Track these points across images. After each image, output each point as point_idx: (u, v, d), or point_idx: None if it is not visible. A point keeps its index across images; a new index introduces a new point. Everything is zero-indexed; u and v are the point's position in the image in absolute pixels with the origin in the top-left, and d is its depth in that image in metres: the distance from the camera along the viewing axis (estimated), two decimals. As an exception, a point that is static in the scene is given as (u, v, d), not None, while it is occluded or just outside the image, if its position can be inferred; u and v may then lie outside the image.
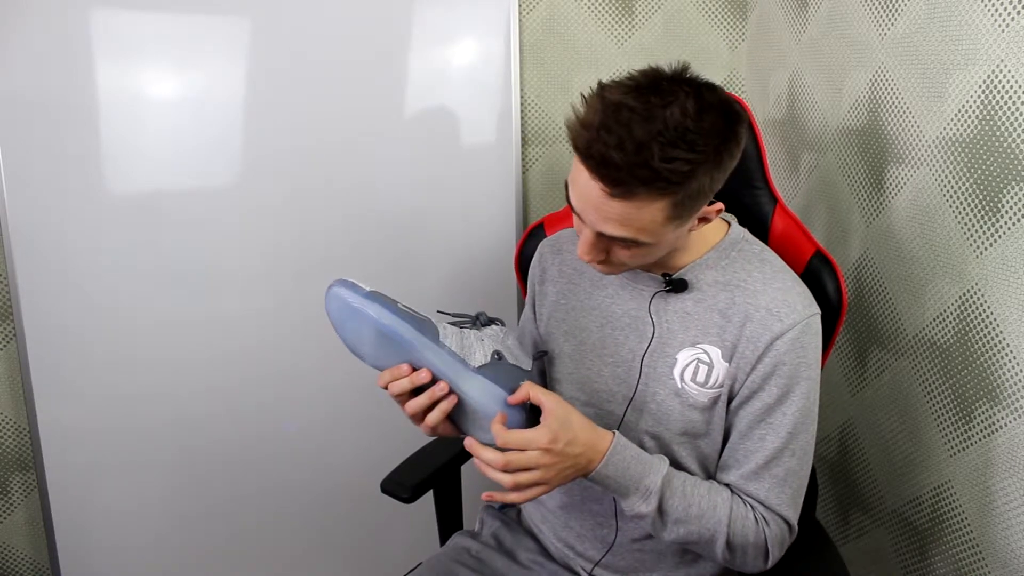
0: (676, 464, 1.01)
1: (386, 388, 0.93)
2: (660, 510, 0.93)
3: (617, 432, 0.94)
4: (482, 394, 0.92)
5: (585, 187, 0.86)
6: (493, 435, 0.90)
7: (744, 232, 1.05)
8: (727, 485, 0.98)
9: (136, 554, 1.68)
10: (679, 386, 0.99)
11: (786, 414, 0.95)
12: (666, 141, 0.81)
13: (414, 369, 0.92)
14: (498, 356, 0.94)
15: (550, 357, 1.10)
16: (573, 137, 0.85)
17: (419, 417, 0.94)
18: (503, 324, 1.01)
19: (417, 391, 0.93)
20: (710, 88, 0.86)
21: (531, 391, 0.92)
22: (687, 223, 0.92)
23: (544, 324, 1.13)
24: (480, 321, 0.99)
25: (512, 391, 0.93)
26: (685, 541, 0.96)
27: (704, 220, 0.95)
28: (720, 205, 0.94)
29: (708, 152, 0.83)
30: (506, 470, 0.88)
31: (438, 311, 1.01)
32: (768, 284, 0.98)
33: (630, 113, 0.82)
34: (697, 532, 0.94)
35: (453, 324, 0.97)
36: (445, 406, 0.92)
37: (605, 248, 0.92)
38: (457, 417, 0.95)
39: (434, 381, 0.92)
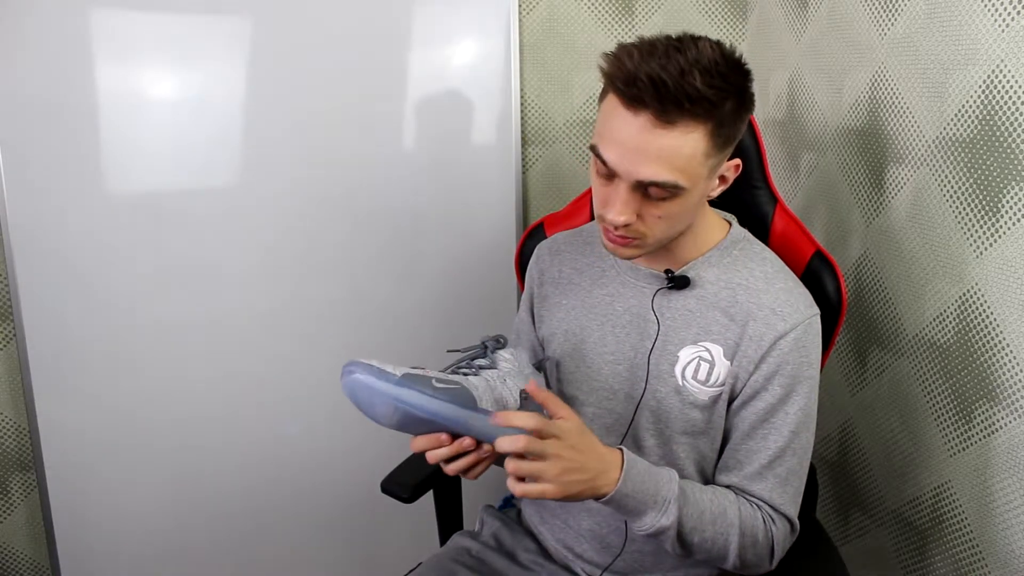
0: (675, 464, 1.01)
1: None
2: (678, 519, 0.91)
3: (623, 448, 0.92)
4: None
5: (624, 128, 0.86)
6: (507, 419, 0.87)
7: (745, 232, 1.05)
8: (729, 486, 0.98)
9: (136, 554, 1.68)
10: (680, 383, 0.99)
11: (788, 414, 0.96)
12: (702, 69, 0.84)
13: (451, 435, 0.89)
14: (524, 395, 0.93)
15: (552, 359, 1.10)
16: (612, 73, 0.87)
17: (456, 474, 0.93)
18: (506, 342, 1.00)
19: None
20: (725, 45, 0.90)
21: (547, 399, 0.90)
22: (717, 172, 0.92)
23: (544, 326, 1.13)
24: (489, 349, 0.97)
25: None
26: (700, 549, 0.94)
27: (723, 182, 0.96)
28: (738, 161, 0.95)
29: (737, 86, 0.88)
30: (523, 453, 0.85)
31: (448, 351, 0.99)
32: (770, 283, 0.98)
33: (666, 46, 0.86)
34: (711, 538, 0.93)
35: (467, 365, 0.95)
36: (490, 461, 0.92)
37: (637, 208, 0.91)
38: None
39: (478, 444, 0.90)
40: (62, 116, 1.48)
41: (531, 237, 1.30)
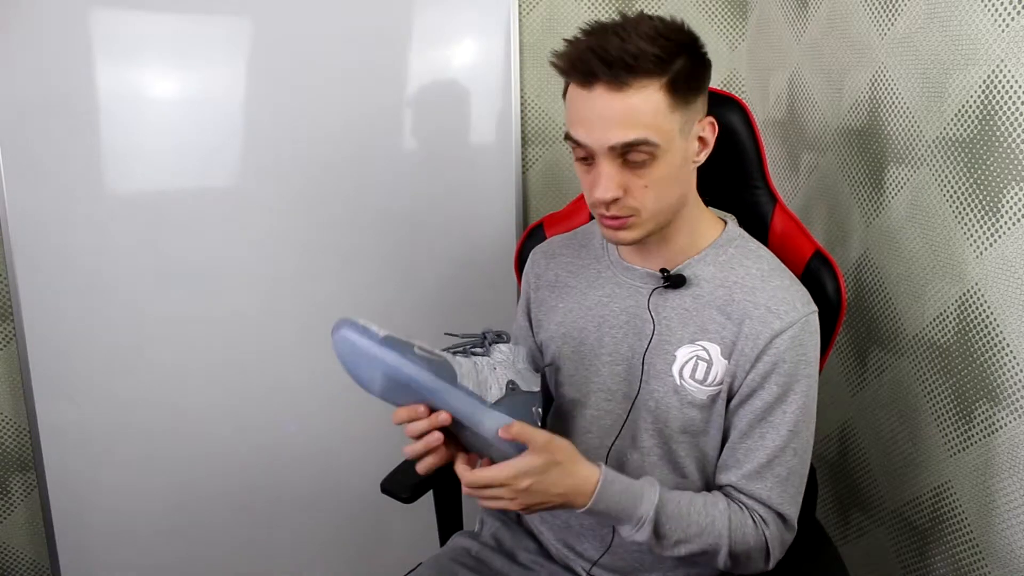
0: (675, 463, 1.01)
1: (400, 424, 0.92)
2: (657, 535, 0.93)
3: (603, 466, 0.93)
4: (499, 429, 0.91)
5: (585, 104, 0.90)
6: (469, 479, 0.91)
7: (741, 230, 1.05)
8: (728, 486, 0.99)
9: (136, 554, 1.68)
10: (678, 383, 0.99)
11: (786, 412, 0.96)
12: (644, 36, 0.88)
13: (430, 408, 0.91)
14: (512, 387, 0.93)
15: (553, 365, 1.11)
16: (561, 62, 0.91)
17: (416, 455, 0.94)
18: (508, 338, 1.00)
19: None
20: (663, 18, 0.94)
21: (518, 432, 0.89)
22: (690, 131, 0.93)
23: (542, 330, 1.13)
24: (488, 340, 0.97)
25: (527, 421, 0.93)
26: (688, 556, 0.96)
27: (704, 145, 0.97)
28: (712, 118, 0.97)
29: (682, 44, 0.91)
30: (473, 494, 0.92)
31: (446, 333, 1.00)
32: (766, 281, 0.98)
33: (605, 25, 0.91)
34: (699, 548, 0.94)
35: (462, 349, 0.96)
36: (443, 456, 0.93)
37: (621, 182, 0.91)
38: (473, 445, 0.95)
39: (454, 422, 0.91)
40: (62, 116, 1.48)
41: (531, 237, 1.30)
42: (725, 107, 1.14)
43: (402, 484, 1.22)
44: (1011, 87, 0.99)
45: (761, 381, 0.96)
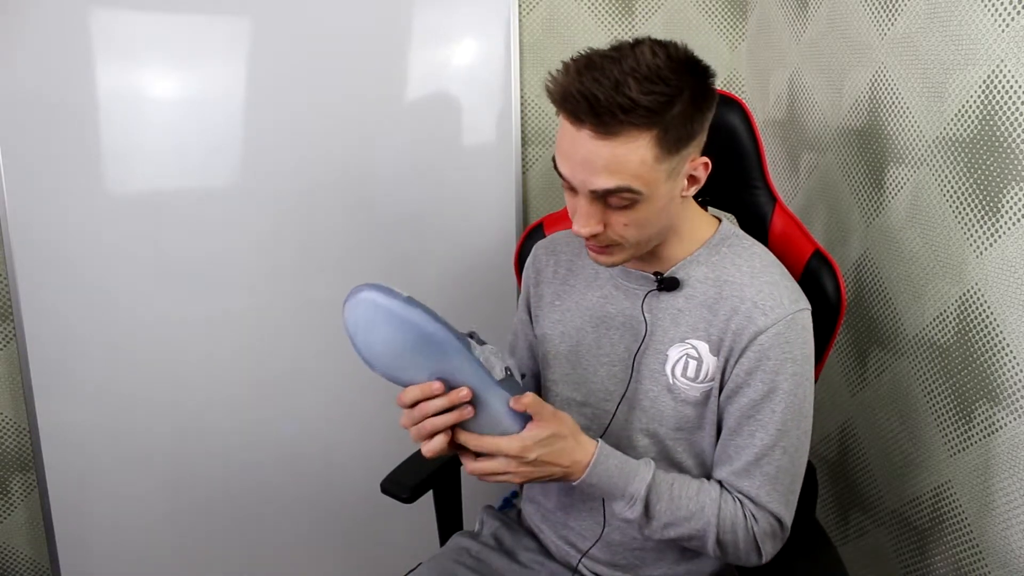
0: (673, 460, 1.02)
1: (409, 406, 0.91)
2: (647, 515, 0.95)
3: (600, 441, 0.95)
4: (506, 407, 0.92)
5: (571, 143, 0.88)
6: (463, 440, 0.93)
7: (734, 228, 1.05)
8: (720, 481, 0.99)
9: (136, 554, 1.68)
10: (671, 382, 0.99)
11: (775, 411, 0.95)
12: (641, 76, 0.84)
13: (445, 386, 0.89)
14: (509, 372, 0.94)
15: (545, 359, 1.11)
16: (552, 93, 0.88)
17: (428, 435, 0.92)
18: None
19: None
20: (675, 45, 0.89)
21: (531, 402, 0.91)
22: (679, 173, 0.92)
23: (540, 325, 1.13)
24: (474, 338, 0.98)
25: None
26: (675, 540, 0.98)
27: (694, 181, 0.95)
28: (706, 159, 0.95)
29: (682, 86, 0.86)
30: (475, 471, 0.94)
31: None
32: (756, 278, 0.98)
33: (602, 59, 0.86)
34: (687, 533, 0.96)
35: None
36: (447, 438, 0.92)
37: (602, 218, 0.91)
38: (472, 428, 0.94)
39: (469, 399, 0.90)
40: (62, 116, 1.48)
41: (531, 237, 1.30)
42: (725, 107, 1.14)
43: (402, 484, 1.22)
44: (1011, 87, 0.99)
45: (746, 377, 0.95)
